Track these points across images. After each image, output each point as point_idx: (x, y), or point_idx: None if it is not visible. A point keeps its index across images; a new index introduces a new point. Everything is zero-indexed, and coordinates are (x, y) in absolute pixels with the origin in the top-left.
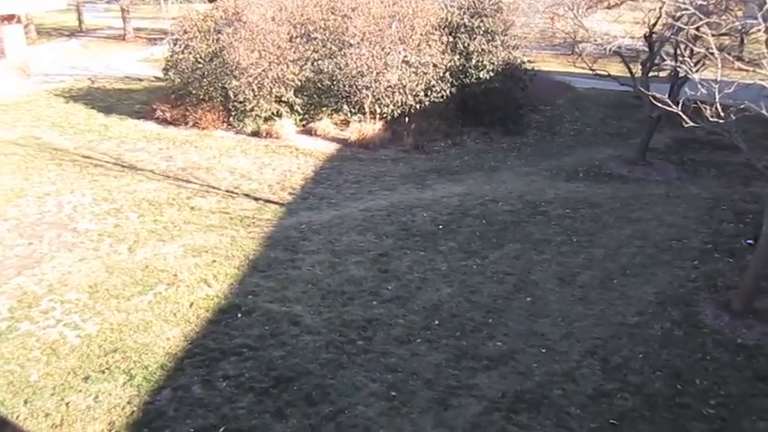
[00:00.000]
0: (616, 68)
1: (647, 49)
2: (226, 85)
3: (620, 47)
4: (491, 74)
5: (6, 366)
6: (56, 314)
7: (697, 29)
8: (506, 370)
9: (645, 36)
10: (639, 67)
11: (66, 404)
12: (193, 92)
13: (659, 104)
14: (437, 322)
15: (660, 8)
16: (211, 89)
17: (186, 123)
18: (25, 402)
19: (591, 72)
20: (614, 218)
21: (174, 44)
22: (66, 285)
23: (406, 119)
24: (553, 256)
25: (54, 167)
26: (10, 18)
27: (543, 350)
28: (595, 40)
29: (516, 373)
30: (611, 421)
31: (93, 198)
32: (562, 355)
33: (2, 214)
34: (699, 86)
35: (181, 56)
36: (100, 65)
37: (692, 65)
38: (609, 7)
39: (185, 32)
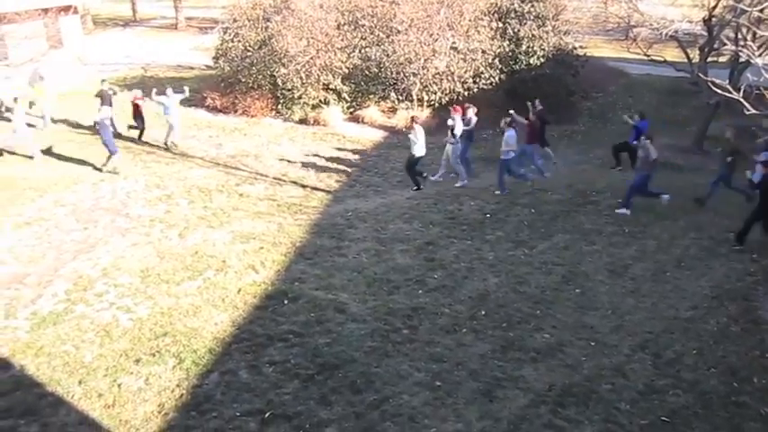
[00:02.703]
0: (672, 54)
1: (705, 33)
2: (274, 73)
3: (676, 31)
4: (541, 60)
5: (62, 347)
6: (109, 297)
7: (761, 11)
8: (554, 363)
9: (704, 19)
10: (697, 52)
11: (119, 385)
12: (243, 80)
13: (719, 90)
14: (483, 312)
15: None
16: (260, 77)
17: (235, 111)
18: (79, 383)
19: (646, 57)
20: (668, 208)
21: (224, 32)
22: (120, 269)
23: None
24: (604, 247)
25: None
26: (67, 9)
27: (592, 343)
28: (651, 25)
29: (564, 366)
30: (663, 418)
31: (146, 184)
32: (612, 348)
33: (60, 200)
34: (762, 71)
35: (230, 44)
36: (153, 53)
37: (755, 49)
38: None
39: (235, 21)
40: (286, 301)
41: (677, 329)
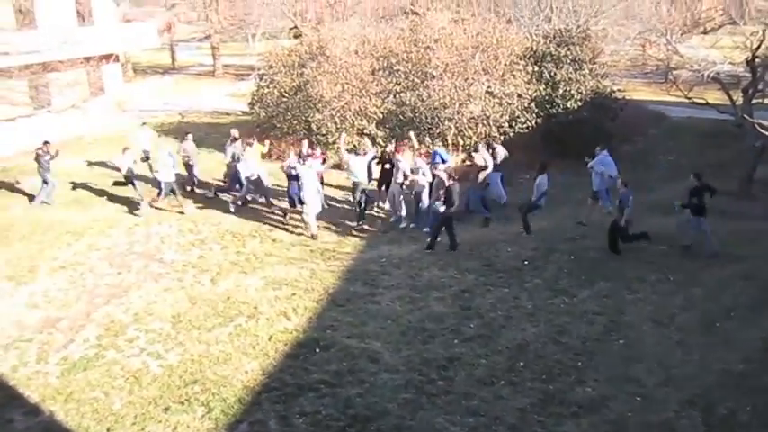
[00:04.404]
0: (713, 96)
1: (748, 74)
2: (309, 119)
3: (718, 73)
4: (579, 104)
5: (92, 393)
6: (140, 343)
7: None
8: (597, 418)
9: (747, 60)
10: (740, 93)
11: None
12: (278, 125)
13: (766, 132)
14: (522, 364)
15: (764, 31)
16: (295, 122)
17: (270, 156)
18: (107, 431)
19: (686, 100)
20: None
21: (260, 79)
22: (151, 315)
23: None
24: (647, 296)
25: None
26: (109, 57)
27: (638, 398)
28: (691, 66)
29: (608, 422)
30: None
31: (179, 229)
32: (659, 403)
33: (95, 244)
34: None
35: (266, 90)
36: (190, 100)
37: None
38: (705, 32)
39: (271, 67)
40: (318, 350)
41: (729, 384)
